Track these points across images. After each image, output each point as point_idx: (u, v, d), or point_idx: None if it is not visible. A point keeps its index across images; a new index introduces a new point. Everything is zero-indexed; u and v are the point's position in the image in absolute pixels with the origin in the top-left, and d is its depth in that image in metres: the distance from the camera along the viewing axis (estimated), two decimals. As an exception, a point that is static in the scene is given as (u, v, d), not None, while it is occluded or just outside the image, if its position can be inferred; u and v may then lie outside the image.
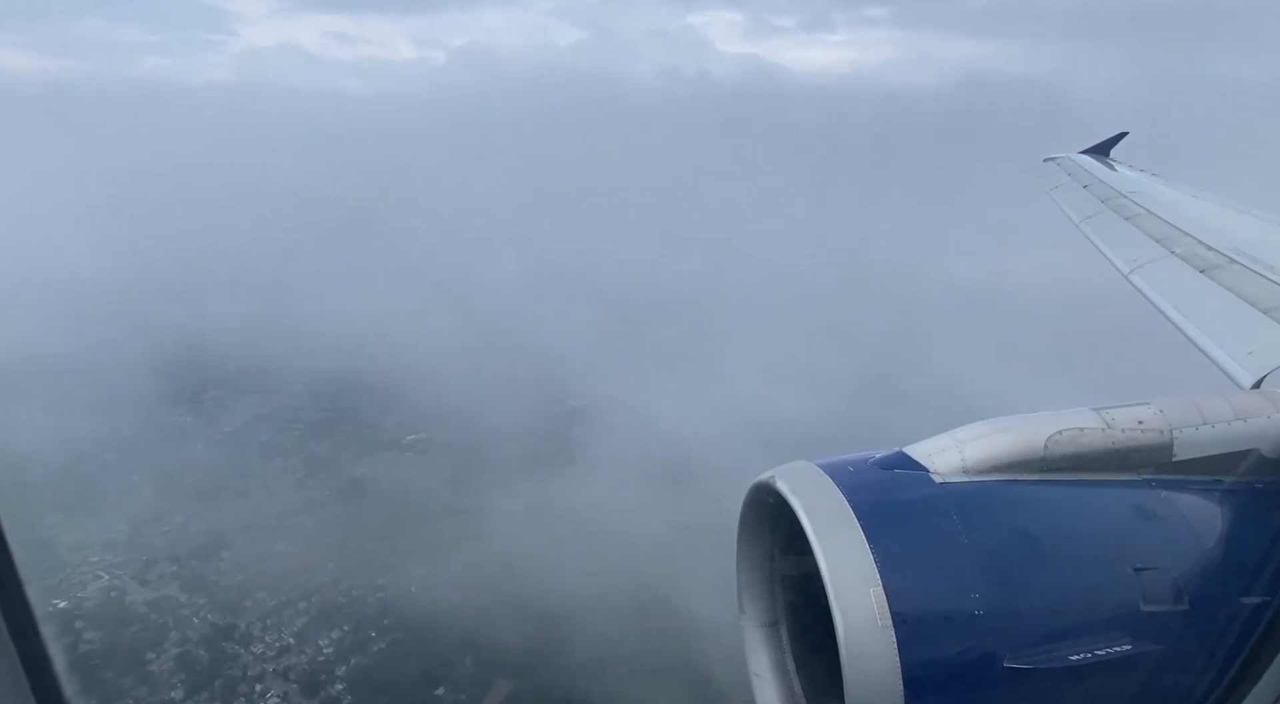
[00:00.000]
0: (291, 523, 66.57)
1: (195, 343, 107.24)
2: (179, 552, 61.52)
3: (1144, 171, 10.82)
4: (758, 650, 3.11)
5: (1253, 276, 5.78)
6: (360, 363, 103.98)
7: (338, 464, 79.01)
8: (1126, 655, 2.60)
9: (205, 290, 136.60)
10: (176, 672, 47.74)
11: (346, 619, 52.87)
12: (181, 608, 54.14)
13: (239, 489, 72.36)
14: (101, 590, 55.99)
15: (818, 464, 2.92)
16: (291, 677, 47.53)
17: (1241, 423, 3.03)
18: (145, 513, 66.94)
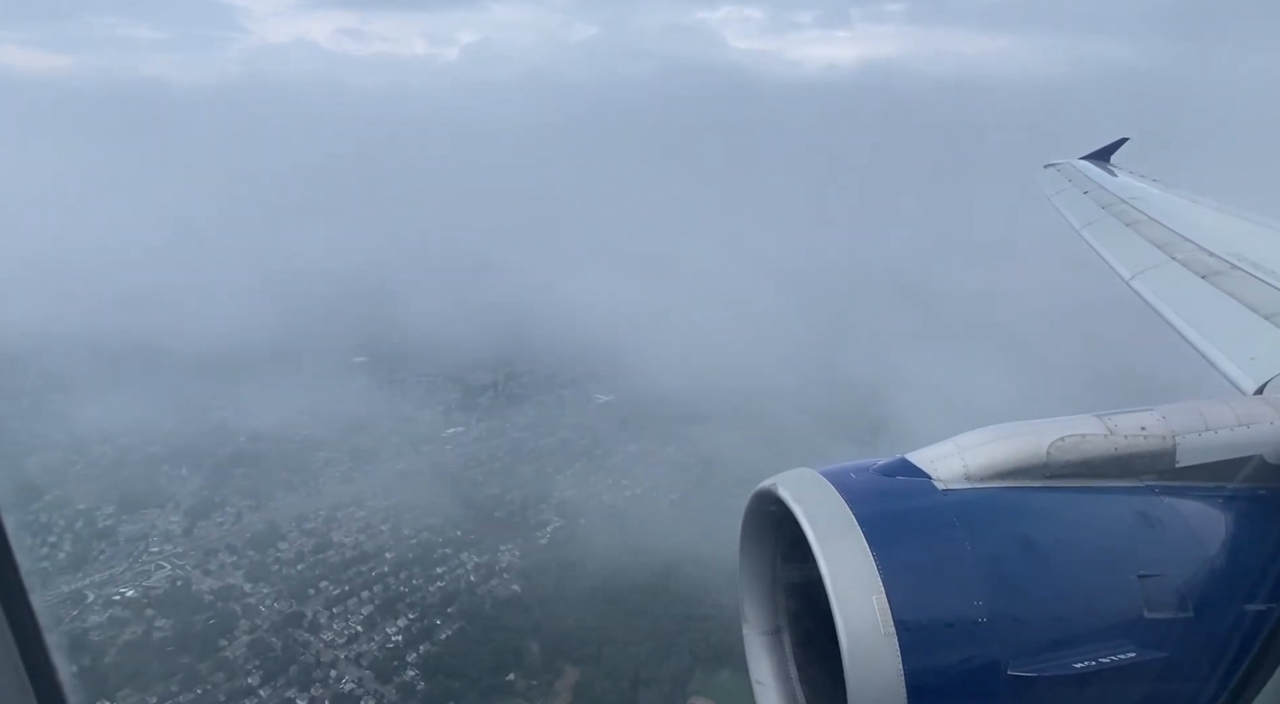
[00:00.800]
0: (342, 513, 67.61)
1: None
2: (235, 542, 62.52)
3: (1145, 177, 10.87)
4: (760, 658, 3.11)
5: (1255, 282, 5.73)
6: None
7: (378, 458, 80.00)
8: (1130, 663, 2.59)
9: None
10: (250, 658, 48.66)
11: (410, 608, 53.79)
12: (247, 597, 55.09)
13: (288, 483, 73.37)
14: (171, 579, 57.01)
15: (820, 471, 2.92)
16: (364, 663, 48.48)
17: (1244, 429, 3.03)
18: (200, 505, 67.95)
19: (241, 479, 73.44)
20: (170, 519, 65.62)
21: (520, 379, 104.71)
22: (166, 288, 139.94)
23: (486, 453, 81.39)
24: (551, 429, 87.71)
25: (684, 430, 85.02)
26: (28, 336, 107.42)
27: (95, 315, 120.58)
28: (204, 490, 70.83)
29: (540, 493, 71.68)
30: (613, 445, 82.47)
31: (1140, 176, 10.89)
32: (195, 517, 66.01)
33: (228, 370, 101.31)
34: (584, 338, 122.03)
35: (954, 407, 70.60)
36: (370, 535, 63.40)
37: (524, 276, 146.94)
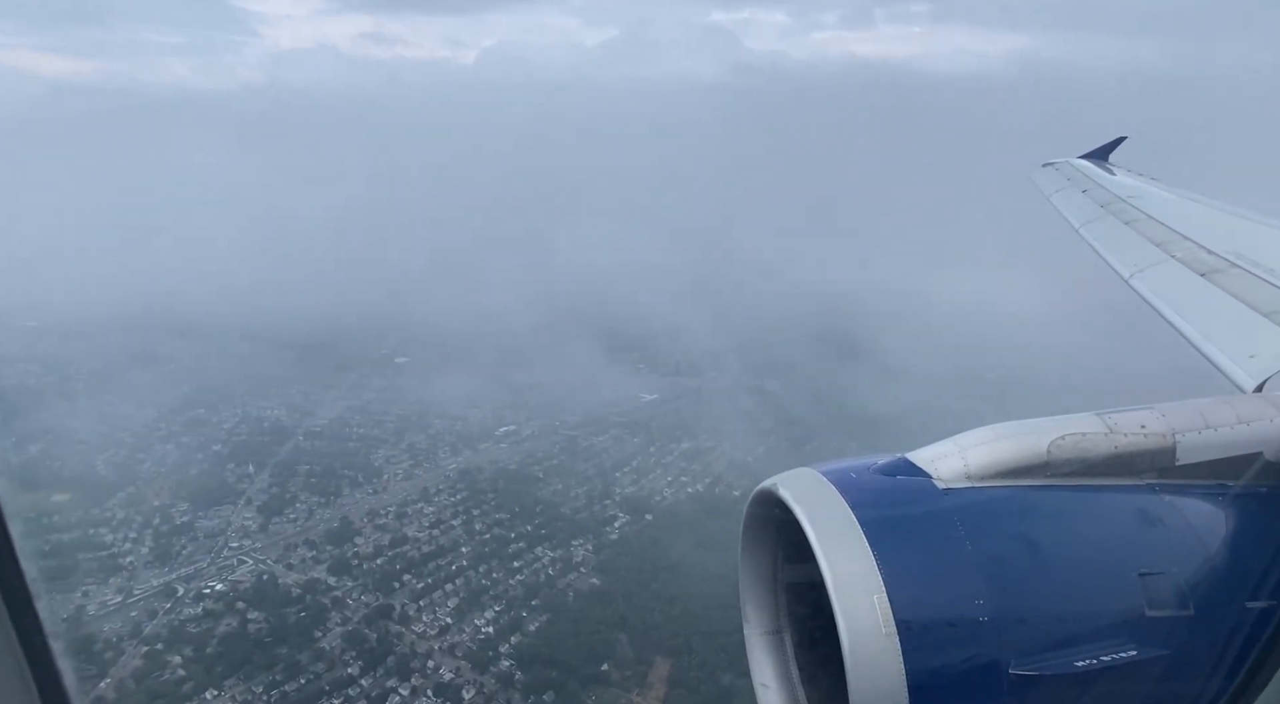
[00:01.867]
0: (411, 508, 68.77)
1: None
2: (312, 537, 63.68)
3: (1143, 176, 10.85)
4: (762, 659, 3.10)
5: (1254, 280, 5.71)
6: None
7: (436, 455, 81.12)
8: (1132, 661, 2.59)
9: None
10: (346, 649, 49.72)
11: (494, 600, 54.84)
12: (334, 590, 56.22)
13: (352, 480, 74.53)
14: (255, 573, 58.17)
15: (820, 471, 2.91)
16: (459, 654, 49.51)
17: (1244, 427, 3.04)
18: (271, 501, 69.14)
19: (306, 476, 74.65)
20: (245, 515, 66.85)
21: (563, 378, 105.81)
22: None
23: (542, 450, 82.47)
24: (602, 427, 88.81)
25: (736, 427, 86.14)
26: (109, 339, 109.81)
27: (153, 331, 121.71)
28: (272, 487, 72.05)
29: (602, 489, 72.75)
30: (666, 443, 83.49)
31: (1139, 175, 10.93)
32: (268, 513, 67.19)
33: (272, 374, 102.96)
34: (614, 336, 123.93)
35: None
36: (443, 531, 64.50)
37: (559, 268, 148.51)
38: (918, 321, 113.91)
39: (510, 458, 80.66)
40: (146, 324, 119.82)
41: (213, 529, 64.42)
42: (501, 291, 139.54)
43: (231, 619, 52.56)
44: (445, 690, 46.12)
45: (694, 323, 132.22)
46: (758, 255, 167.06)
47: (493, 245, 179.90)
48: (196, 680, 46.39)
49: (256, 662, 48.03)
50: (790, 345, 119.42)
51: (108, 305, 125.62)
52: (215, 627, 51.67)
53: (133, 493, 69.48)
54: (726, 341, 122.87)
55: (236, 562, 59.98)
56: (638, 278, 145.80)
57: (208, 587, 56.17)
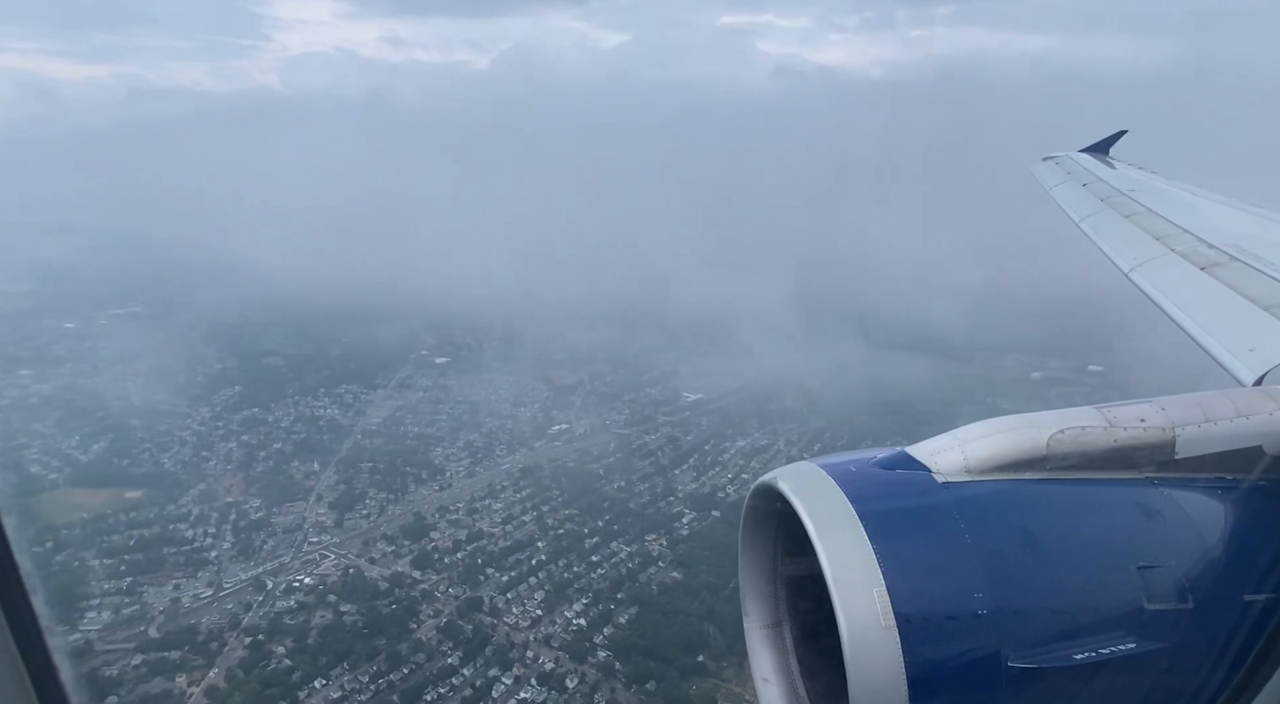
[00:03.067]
0: (479, 505, 69.75)
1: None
2: (388, 532, 64.67)
3: (1144, 169, 10.85)
4: (761, 652, 3.11)
5: (1254, 274, 5.71)
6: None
7: (494, 453, 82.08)
8: (1131, 655, 2.60)
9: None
10: (443, 640, 50.69)
11: (580, 593, 55.82)
12: (420, 583, 57.20)
13: (416, 477, 75.53)
14: (339, 568, 59.10)
15: (820, 465, 2.93)
16: (555, 644, 50.47)
17: (1244, 420, 3.03)
18: (342, 498, 70.10)
19: (370, 473, 75.64)
20: (318, 511, 67.81)
21: (604, 377, 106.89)
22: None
23: (597, 449, 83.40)
24: (653, 425, 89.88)
25: (788, 425, 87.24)
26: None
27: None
28: (340, 484, 73.03)
29: (665, 487, 73.71)
30: (720, 441, 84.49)
31: (1139, 168, 10.90)
32: (340, 509, 68.14)
33: (320, 376, 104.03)
34: (649, 336, 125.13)
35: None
36: (516, 526, 65.49)
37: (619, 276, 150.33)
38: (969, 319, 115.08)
39: (567, 456, 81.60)
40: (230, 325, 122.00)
41: (289, 525, 65.39)
42: (550, 290, 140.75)
43: (325, 611, 53.54)
44: (548, 680, 47.06)
45: (726, 321, 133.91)
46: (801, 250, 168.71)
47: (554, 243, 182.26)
48: (303, 670, 47.36)
49: (359, 652, 49.00)
50: (826, 344, 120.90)
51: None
52: (310, 619, 52.65)
53: (205, 490, 70.44)
54: (760, 340, 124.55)
55: (318, 556, 60.93)
56: (682, 278, 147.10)
57: (296, 581, 57.13)
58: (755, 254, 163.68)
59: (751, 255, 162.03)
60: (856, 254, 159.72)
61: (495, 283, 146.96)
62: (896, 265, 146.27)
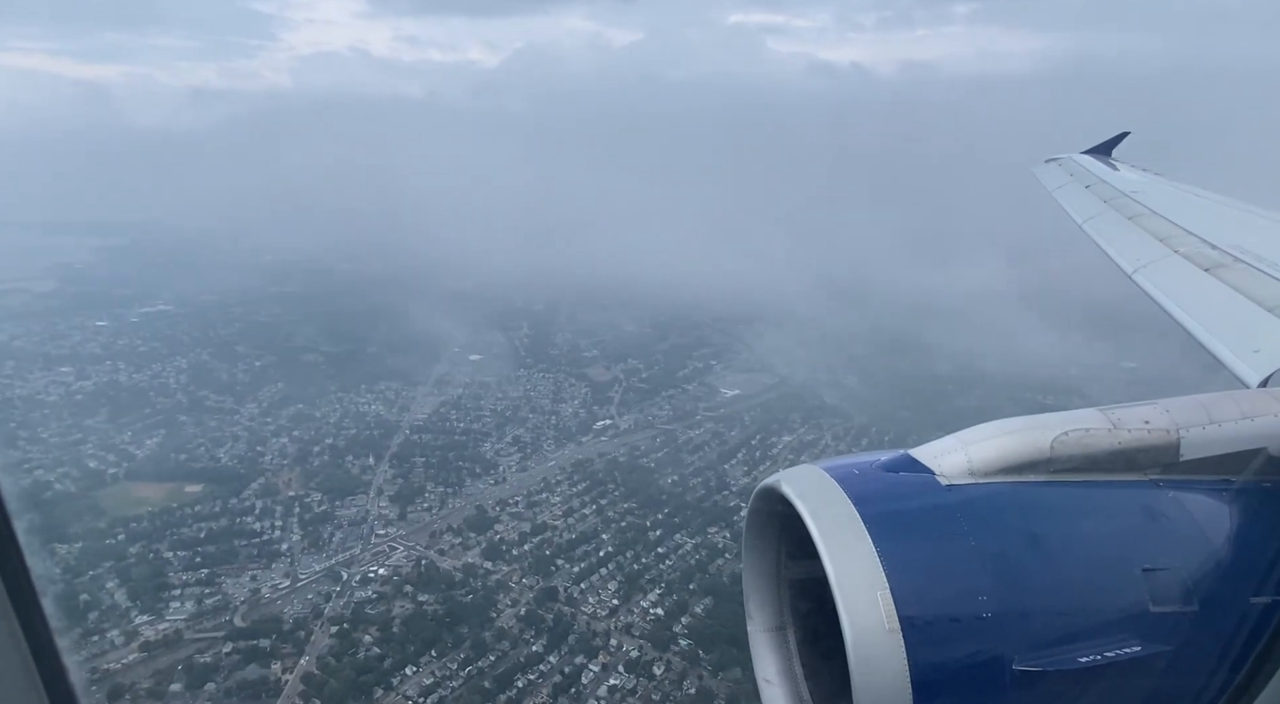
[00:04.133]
0: (537, 498, 70.55)
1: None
2: (452, 524, 65.44)
3: (1146, 171, 10.84)
4: (765, 656, 3.10)
5: (1258, 275, 5.69)
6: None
7: (542, 448, 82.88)
8: (1136, 657, 2.59)
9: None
10: (525, 629, 51.52)
11: (652, 584, 56.65)
12: (492, 573, 57.99)
13: (470, 471, 76.31)
14: (410, 559, 59.90)
15: (823, 468, 2.92)
16: (635, 633, 51.29)
17: (1249, 421, 3.02)
18: (402, 492, 70.86)
19: (425, 468, 76.35)
20: (380, 505, 68.56)
21: (639, 375, 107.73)
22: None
23: (644, 444, 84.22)
24: (697, 421, 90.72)
25: (832, 420, 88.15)
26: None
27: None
28: (397, 478, 73.75)
29: (717, 481, 74.47)
30: (766, 436, 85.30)
31: (1142, 170, 10.90)
32: (401, 502, 68.88)
33: (360, 373, 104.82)
34: (680, 334, 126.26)
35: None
36: (578, 519, 66.29)
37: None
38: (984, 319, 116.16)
39: (615, 450, 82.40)
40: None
41: (354, 518, 66.15)
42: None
43: (403, 601, 54.31)
44: (635, 667, 47.87)
45: (753, 320, 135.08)
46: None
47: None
48: (394, 658, 48.15)
49: (445, 640, 49.79)
50: (855, 342, 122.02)
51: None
52: (391, 608, 53.41)
53: (265, 484, 71.12)
54: (790, 340, 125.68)
55: (387, 548, 61.71)
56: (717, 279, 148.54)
57: (370, 571, 57.90)
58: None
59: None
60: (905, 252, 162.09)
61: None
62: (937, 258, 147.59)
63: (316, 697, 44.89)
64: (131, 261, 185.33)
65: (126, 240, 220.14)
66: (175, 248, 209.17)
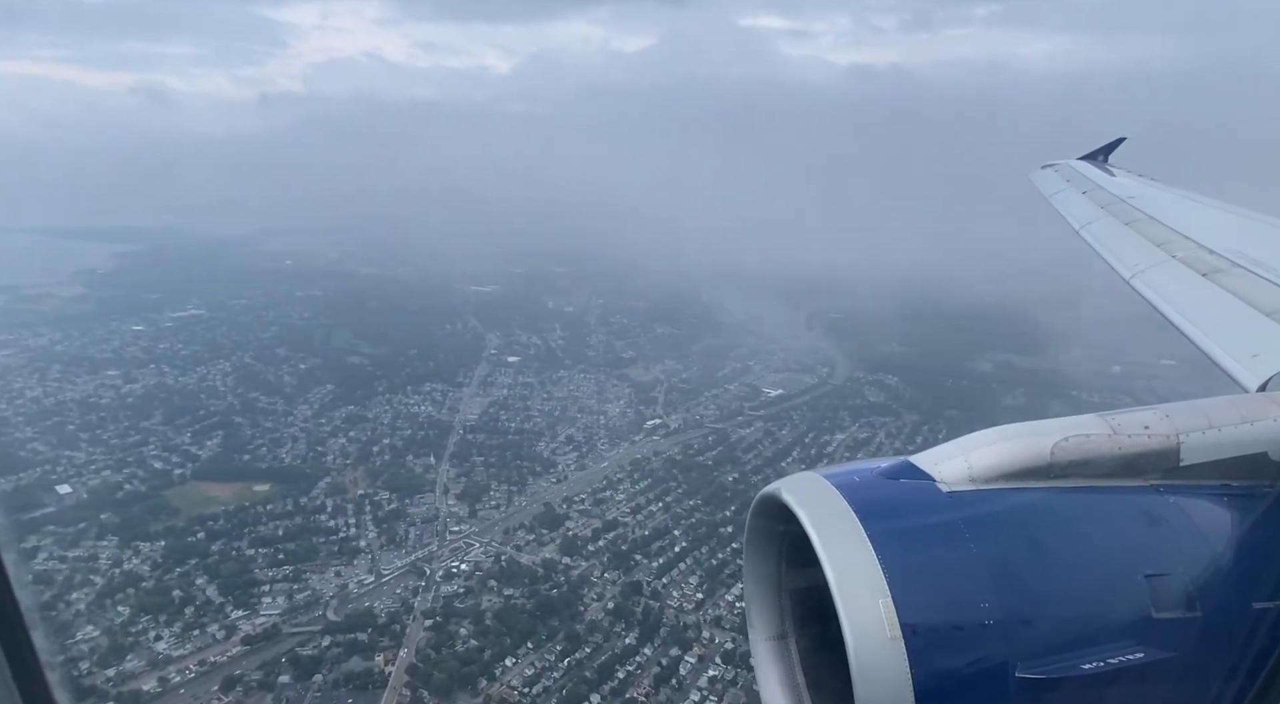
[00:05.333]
0: (601, 496, 71.27)
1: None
2: (524, 521, 66.14)
3: (1143, 176, 10.83)
4: (767, 664, 3.09)
5: (1256, 280, 5.68)
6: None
7: (596, 447, 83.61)
8: (1139, 664, 2.58)
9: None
10: (615, 622, 52.19)
11: (733, 578, 57.20)
12: (572, 568, 58.66)
13: (530, 470, 77.01)
14: (488, 555, 60.58)
15: (823, 475, 2.92)
16: (725, 625, 51.97)
17: (1248, 426, 3.03)
18: (468, 490, 71.52)
19: (485, 467, 77.04)
20: (448, 503, 69.26)
21: (680, 375, 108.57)
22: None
23: (696, 442, 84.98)
24: (745, 420, 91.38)
25: (883, 419, 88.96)
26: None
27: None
28: (460, 477, 74.44)
29: (778, 478, 74.95)
30: (819, 435, 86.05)
31: (1138, 176, 10.89)
32: (469, 500, 69.60)
33: (404, 375, 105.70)
34: (716, 333, 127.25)
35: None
36: (647, 515, 67.02)
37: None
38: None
39: (669, 449, 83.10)
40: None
41: (425, 515, 66.82)
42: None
43: (489, 596, 54.99)
44: (731, 659, 48.50)
45: (783, 319, 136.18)
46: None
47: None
48: (492, 650, 48.79)
49: (539, 633, 50.46)
50: (888, 341, 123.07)
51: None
52: (479, 602, 54.09)
53: (331, 483, 71.77)
54: (822, 340, 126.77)
55: (464, 545, 62.39)
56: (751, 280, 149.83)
57: (452, 567, 58.57)
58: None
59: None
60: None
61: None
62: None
63: (423, 687, 45.49)
64: (152, 267, 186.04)
65: (142, 246, 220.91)
66: (194, 254, 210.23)
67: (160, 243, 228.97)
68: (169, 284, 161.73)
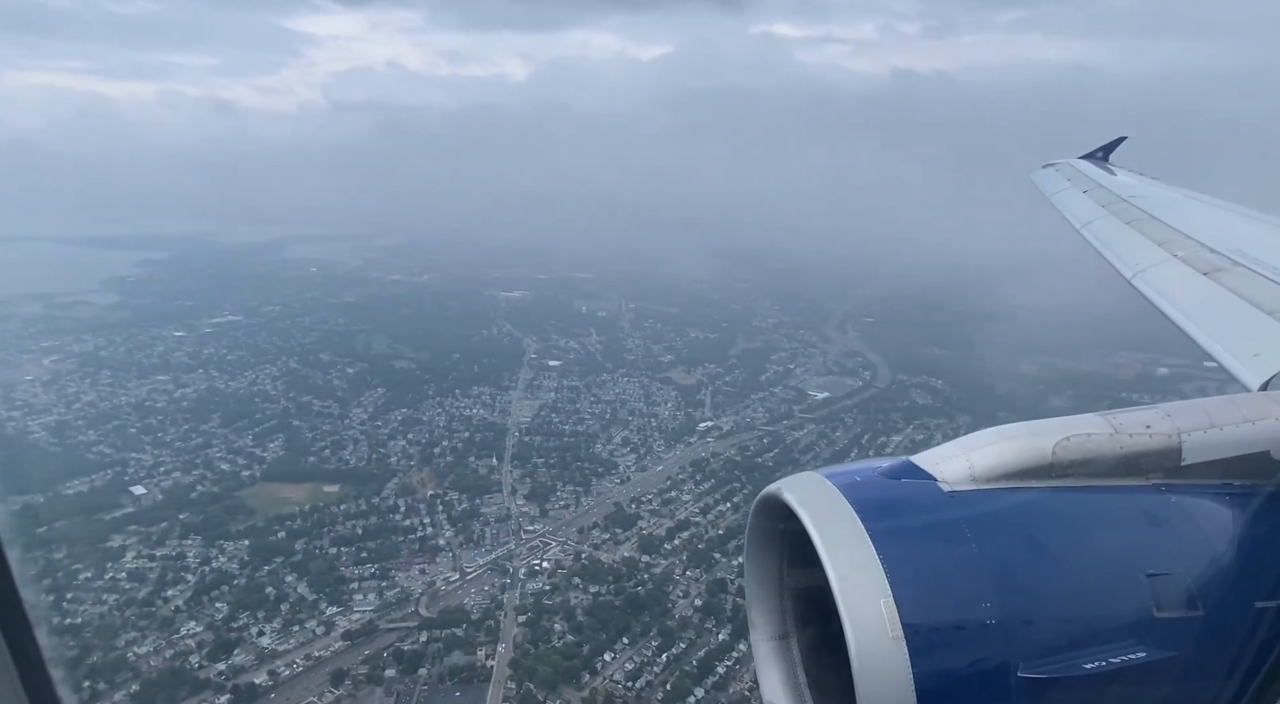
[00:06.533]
0: (668, 496, 71.80)
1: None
2: (595, 521, 66.70)
3: (1144, 175, 10.82)
4: (769, 664, 3.07)
5: (1257, 279, 5.68)
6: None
7: (653, 449, 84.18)
8: (1141, 663, 2.59)
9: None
10: (706, 618, 52.64)
11: (814, 575, 57.71)
12: (652, 566, 59.16)
13: (591, 471, 77.63)
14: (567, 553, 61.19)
15: (824, 474, 2.92)
16: (815, 621, 52.34)
17: (1250, 425, 3.03)
18: (536, 490, 72.14)
19: (546, 468, 77.64)
20: (518, 503, 69.85)
21: (722, 378, 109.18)
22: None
23: (752, 444, 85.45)
24: (797, 423, 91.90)
25: (938, 421, 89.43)
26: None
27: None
28: (524, 478, 75.03)
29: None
30: (875, 436, 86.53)
31: (1139, 175, 10.88)
32: (537, 500, 70.20)
33: (451, 379, 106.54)
34: (753, 337, 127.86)
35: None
36: (718, 514, 67.45)
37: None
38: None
39: (726, 450, 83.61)
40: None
41: (497, 515, 67.41)
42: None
43: (575, 593, 55.50)
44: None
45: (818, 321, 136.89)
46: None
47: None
48: (590, 645, 49.29)
49: (634, 629, 50.94)
50: (925, 344, 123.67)
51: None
52: (568, 599, 54.60)
53: (399, 484, 72.44)
54: (857, 342, 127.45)
55: (541, 543, 62.97)
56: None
57: (534, 565, 59.15)
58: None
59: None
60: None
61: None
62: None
63: (528, 681, 45.98)
64: (179, 275, 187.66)
65: (166, 254, 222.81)
66: (217, 261, 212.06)
67: (182, 251, 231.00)
68: (200, 291, 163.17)
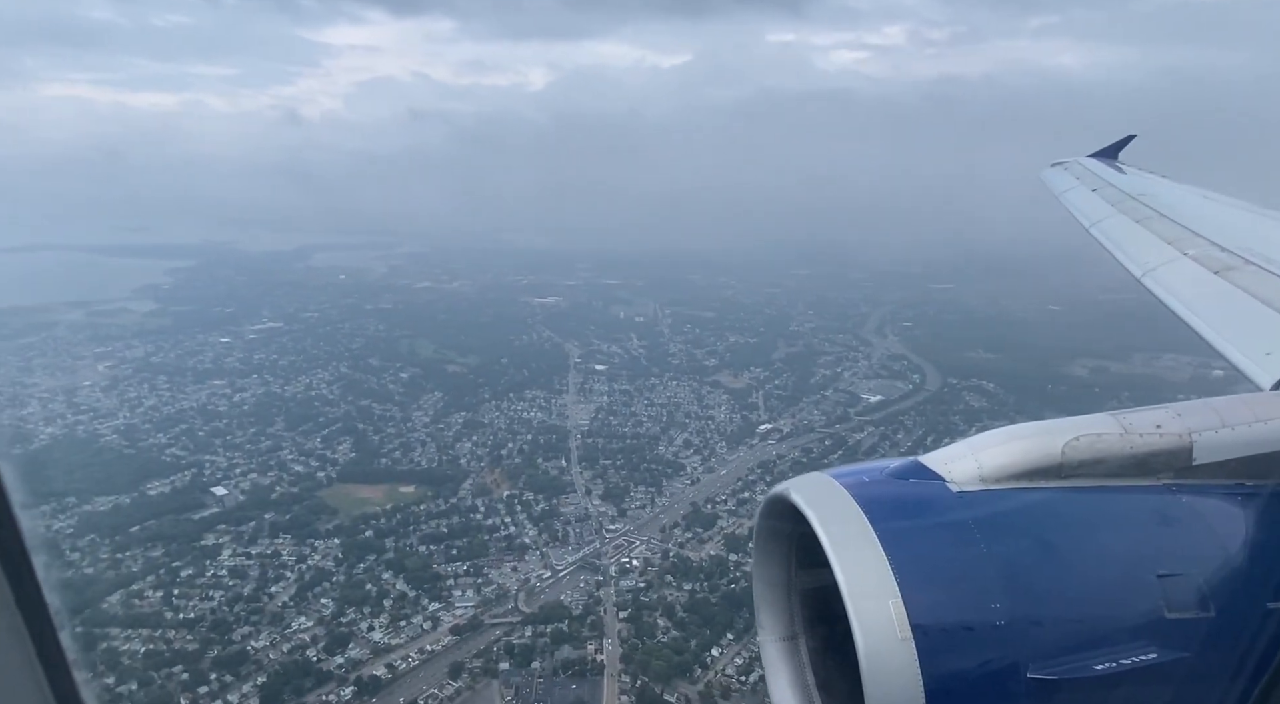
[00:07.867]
0: (742, 497, 72.20)
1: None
2: (675, 520, 67.19)
3: (1153, 173, 10.77)
4: (777, 665, 3.07)
5: (1268, 277, 5.64)
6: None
7: (716, 451, 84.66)
8: (1152, 664, 2.57)
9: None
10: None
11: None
12: (741, 565, 59.42)
13: (659, 472, 78.14)
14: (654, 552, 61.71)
15: (832, 475, 2.91)
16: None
17: (1262, 425, 3.00)
18: (610, 491, 72.67)
19: (615, 469, 78.17)
20: (594, 503, 70.41)
21: (772, 381, 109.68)
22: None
23: (815, 446, 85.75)
24: (855, 425, 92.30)
25: (998, 423, 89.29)
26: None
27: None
28: (595, 479, 75.62)
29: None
30: (939, 437, 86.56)
31: (1149, 173, 10.82)
32: (613, 500, 70.75)
33: (503, 383, 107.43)
34: (793, 341, 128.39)
35: None
36: (795, 514, 67.85)
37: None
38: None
39: (790, 452, 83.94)
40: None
41: (576, 515, 67.96)
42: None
43: (669, 590, 55.94)
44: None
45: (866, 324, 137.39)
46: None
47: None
48: (696, 640, 49.71)
49: (737, 625, 51.33)
50: (971, 347, 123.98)
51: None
52: (664, 595, 55.05)
53: (474, 484, 73.12)
54: (902, 346, 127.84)
55: (625, 542, 63.46)
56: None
57: (624, 562, 59.67)
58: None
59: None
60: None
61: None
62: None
63: (642, 674, 46.42)
64: (210, 283, 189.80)
65: (193, 263, 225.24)
66: (244, 269, 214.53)
67: (208, 259, 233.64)
68: (235, 298, 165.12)
